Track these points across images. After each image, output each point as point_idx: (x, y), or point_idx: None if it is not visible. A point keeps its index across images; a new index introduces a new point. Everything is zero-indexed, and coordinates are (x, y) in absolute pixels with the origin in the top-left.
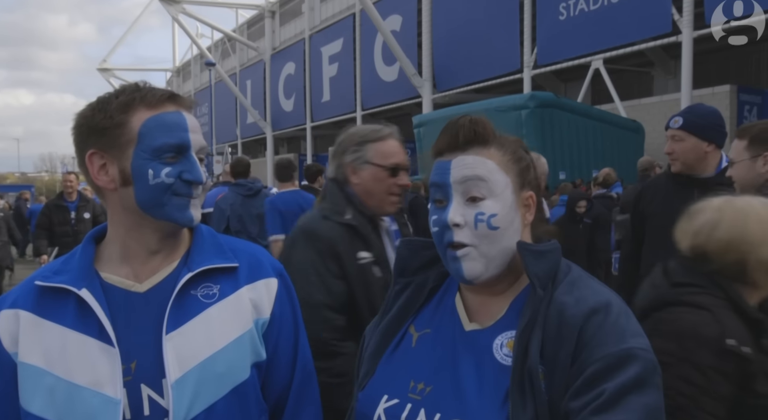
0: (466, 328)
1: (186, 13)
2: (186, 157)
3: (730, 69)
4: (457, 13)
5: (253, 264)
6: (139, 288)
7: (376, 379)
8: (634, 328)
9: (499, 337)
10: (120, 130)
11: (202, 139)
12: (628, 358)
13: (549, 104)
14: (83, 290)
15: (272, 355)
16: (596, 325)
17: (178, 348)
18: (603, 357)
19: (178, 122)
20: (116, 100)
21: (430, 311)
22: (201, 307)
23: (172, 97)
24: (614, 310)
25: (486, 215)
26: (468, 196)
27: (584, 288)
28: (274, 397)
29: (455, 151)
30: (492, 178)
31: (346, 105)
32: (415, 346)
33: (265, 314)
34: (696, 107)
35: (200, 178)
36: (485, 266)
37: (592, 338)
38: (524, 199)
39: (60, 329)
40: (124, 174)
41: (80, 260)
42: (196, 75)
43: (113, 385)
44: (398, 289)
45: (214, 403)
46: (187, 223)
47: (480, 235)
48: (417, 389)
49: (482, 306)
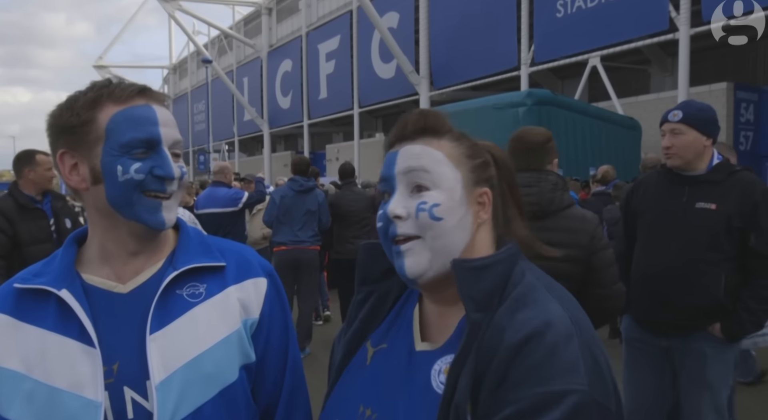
0: (416, 347)
1: (182, 10)
2: (157, 152)
3: (727, 66)
4: (454, 10)
5: (241, 263)
6: (122, 289)
7: (331, 401)
8: (564, 363)
9: (438, 362)
10: (88, 127)
11: (176, 133)
12: (546, 404)
13: (546, 102)
14: (63, 291)
15: (261, 357)
16: (522, 357)
17: (162, 349)
18: (519, 400)
19: (147, 116)
20: (84, 97)
21: (388, 324)
22: (186, 307)
23: (141, 91)
24: (549, 337)
25: (428, 204)
26: (412, 187)
27: (530, 305)
28: (264, 401)
29: (403, 141)
30: (438, 169)
31: (344, 102)
32: (370, 363)
33: (253, 314)
34: (692, 102)
35: (171, 174)
36: (429, 262)
37: (516, 373)
38: (477, 196)
39: (39, 332)
40: (94, 172)
41: (61, 262)
42: (192, 72)
43: (94, 388)
44: (360, 298)
45: (200, 406)
46: (158, 226)
47: (422, 226)
48: (365, 415)
49: (439, 318)
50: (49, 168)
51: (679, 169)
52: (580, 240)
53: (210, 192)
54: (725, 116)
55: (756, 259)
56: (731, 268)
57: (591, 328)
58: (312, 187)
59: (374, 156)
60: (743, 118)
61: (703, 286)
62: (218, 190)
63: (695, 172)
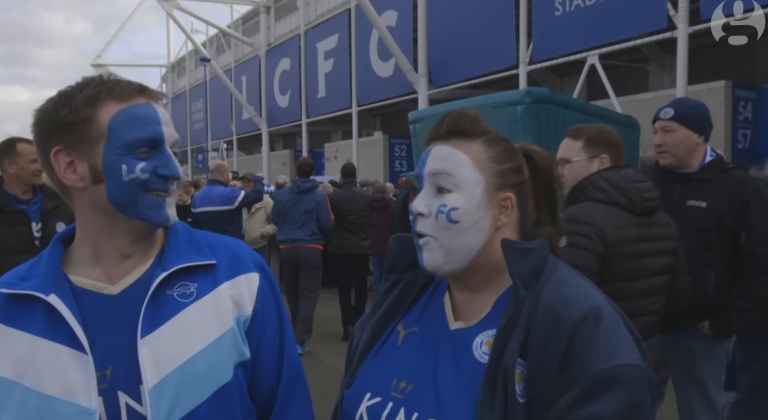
0: (451, 326)
1: (181, 8)
2: (160, 152)
3: (726, 65)
4: (452, 8)
5: (232, 259)
6: (111, 290)
7: (360, 377)
8: (624, 340)
9: (480, 336)
10: (88, 125)
11: (175, 133)
12: (615, 378)
13: (545, 100)
14: (52, 296)
15: (255, 353)
16: (587, 335)
17: (154, 352)
18: (591, 376)
19: (150, 115)
20: (81, 94)
21: (419, 310)
22: (178, 308)
23: (141, 90)
24: (605, 318)
25: (447, 207)
26: (437, 188)
27: (573, 288)
28: (261, 398)
29: (437, 141)
30: (460, 173)
31: (342, 101)
32: (402, 344)
33: (246, 311)
34: (684, 99)
35: (177, 173)
36: (444, 259)
37: (582, 350)
38: (501, 200)
39: (29, 338)
40: (95, 171)
41: (47, 264)
42: (191, 71)
43: (87, 395)
44: (389, 285)
45: (195, 408)
46: (162, 222)
47: (439, 227)
48: (399, 388)
49: (468, 303)
50: (33, 159)
51: (671, 166)
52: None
53: (207, 190)
54: (723, 114)
55: (746, 258)
56: (721, 266)
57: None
58: (310, 187)
59: (373, 155)
60: (741, 116)
61: (692, 284)
62: (215, 189)
63: (687, 169)
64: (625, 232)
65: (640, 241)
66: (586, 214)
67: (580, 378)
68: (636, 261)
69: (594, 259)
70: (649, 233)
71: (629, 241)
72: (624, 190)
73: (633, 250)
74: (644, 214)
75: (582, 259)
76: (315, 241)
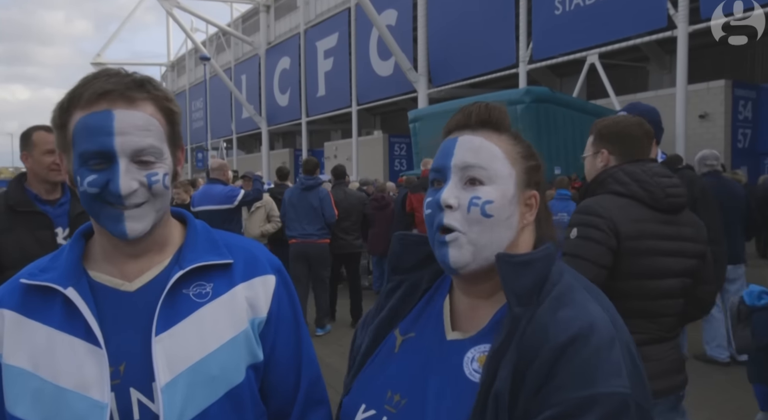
0: (447, 336)
1: (180, 7)
2: (114, 164)
3: (725, 64)
4: (452, 7)
5: (249, 260)
6: (128, 287)
7: (357, 385)
8: (612, 365)
9: (471, 350)
10: (63, 131)
11: (142, 140)
12: (590, 406)
13: (544, 99)
14: (69, 289)
15: (269, 355)
16: (569, 359)
17: (168, 350)
18: (565, 401)
19: (102, 125)
20: (65, 97)
21: (417, 313)
22: (193, 307)
23: (105, 93)
24: (593, 341)
25: (482, 200)
26: (467, 179)
27: (570, 305)
28: (276, 401)
29: (464, 130)
30: (495, 166)
31: (342, 100)
32: (398, 351)
33: (261, 313)
34: (637, 105)
35: (117, 191)
36: (473, 255)
37: (562, 374)
38: (527, 198)
39: (46, 330)
40: (71, 177)
41: (68, 257)
42: (190, 70)
43: (100, 389)
44: (391, 286)
45: (207, 408)
46: (119, 235)
47: (471, 221)
48: (393, 401)
49: (471, 310)
50: (48, 150)
51: None
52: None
53: (206, 189)
54: (723, 113)
55: None
56: None
57: (626, 329)
58: (313, 185)
59: (372, 154)
60: (741, 115)
61: None
62: (214, 188)
63: None
64: (643, 227)
65: (660, 239)
66: (601, 206)
67: (555, 402)
68: (654, 259)
69: (605, 252)
70: (673, 232)
71: (646, 237)
72: (645, 183)
73: (651, 246)
74: (667, 211)
75: (593, 252)
76: (324, 235)
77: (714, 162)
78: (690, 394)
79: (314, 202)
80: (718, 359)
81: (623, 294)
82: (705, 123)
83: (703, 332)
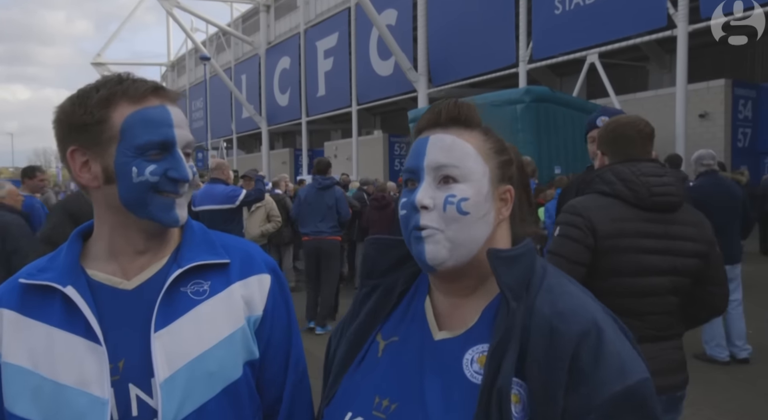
0: (435, 336)
1: (180, 7)
2: (171, 154)
3: (725, 63)
4: (452, 7)
5: (245, 260)
6: (127, 285)
7: (340, 394)
8: (629, 353)
9: (470, 352)
10: (101, 126)
11: (189, 134)
12: (631, 399)
13: (544, 99)
14: (69, 288)
15: (264, 352)
16: (592, 354)
17: (167, 346)
18: (606, 400)
19: (163, 118)
20: (97, 94)
21: (398, 317)
22: (191, 305)
23: (155, 90)
24: (606, 332)
25: (457, 198)
26: (440, 178)
27: (566, 297)
28: (268, 398)
29: (435, 128)
30: (468, 163)
31: (342, 99)
32: (382, 356)
33: (257, 311)
34: (610, 109)
35: (186, 176)
36: (449, 252)
37: (592, 372)
38: (501, 193)
39: (45, 328)
40: (107, 172)
41: (66, 257)
42: (190, 69)
43: (100, 385)
44: (366, 292)
45: (204, 403)
46: (172, 223)
47: (448, 219)
48: (382, 406)
49: (453, 309)
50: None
51: None
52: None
53: (207, 189)
54: (723, 113)
55: None
56: None
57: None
58: (329, 184)
59: (372, 153)
60: (741, 114)
61: None
62: (216, 187)
63: None
64: (623, 226)
65: (643, 236)
66: (583, 205)
67: (595, 404)
68: (636, 256)
69: (583, 250)
70: (661, 230)
71: (627, 235)
72: (630, 183)
73: (631, 244)
74: (654, 209)
75: (570, 250)
76: (335, 233)
77: (710, 161)
78: (690, 394)
79: (330, 201)
80: (718, 358)
81: (606, 291)
82: (705, 122)
83: (702, 332)
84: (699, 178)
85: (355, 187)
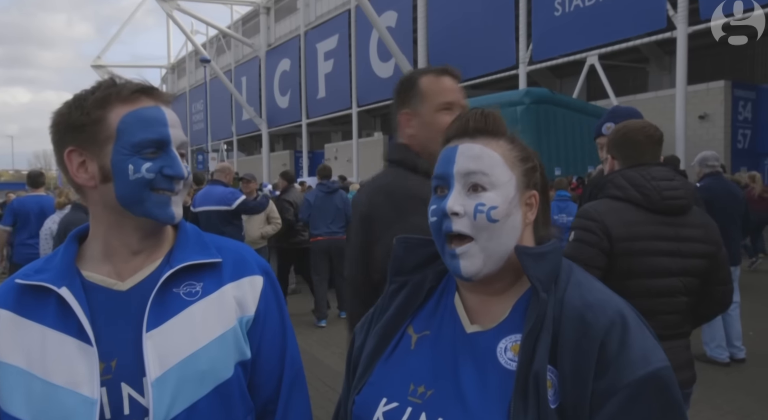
0: (467, 329)
1: (181, 9)
2: (166, 152)
3: (725, 65)
4: (452, 9)
5: (238, 261)
6: (121, 286)
7: (373, 382)
8: (652, 342)
9: (503, 341)
10: (98, 126)
11: (182, 134)
12: (654, 383)
13: (544, 100)
14: (63, 289)
15: (256, 353)
16: (618, 341)
17: (158, 346)
18: (631, 383)
19: (157, 117)
20: (92, 96)
21: (429, 312)
22: (183, 305)
23: (147, 91)
24: (631, 322)
25: (486, 207)
26: (470, 186)
27: (594, 292)
28: (261, 398)
29: (463, 138)
30: (496, 171)
31: (342, 101)
32: (414, 348)
33: (249, 312)
34: (618, 110)
35: (181, 173)
36: (483, 262)
37: (617, 357)
38: (527, 198)
39: (40, 328)
40: (103, 170)
41: (62, 259)
42: (191, 72)
43: (90, 385)
44: (394, 288)
45: (195, 402)
46: (167, 219)
47: (479, 227)
48: (417, 393)
49: (483, 306)
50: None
51: None
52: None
53: (207, 190)
54: (723, 114)
55: None
56: None
57: None
58: (336, 188)
59: (373, 155)
60: (741, 116)
61: None
62: (215, 189)
63: None
64: (637, 229)
65: (656, 239)
66: (596, 210)
67: (620, 386)
68: (650, 259)
69: (598, 254)
70: (672, 233)
71: (641, 239)
72: (642, 187)
73: (645, 247)
74: (665, 213)
75: (586, 254)
76: (345, 233)
77: (715, 163)
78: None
79: (339, 204)
80: (718, 359)
81: (620, 292)
82: (705, 124)
83: (702, 333)
84: (705, 179)
85: (355, 189)
